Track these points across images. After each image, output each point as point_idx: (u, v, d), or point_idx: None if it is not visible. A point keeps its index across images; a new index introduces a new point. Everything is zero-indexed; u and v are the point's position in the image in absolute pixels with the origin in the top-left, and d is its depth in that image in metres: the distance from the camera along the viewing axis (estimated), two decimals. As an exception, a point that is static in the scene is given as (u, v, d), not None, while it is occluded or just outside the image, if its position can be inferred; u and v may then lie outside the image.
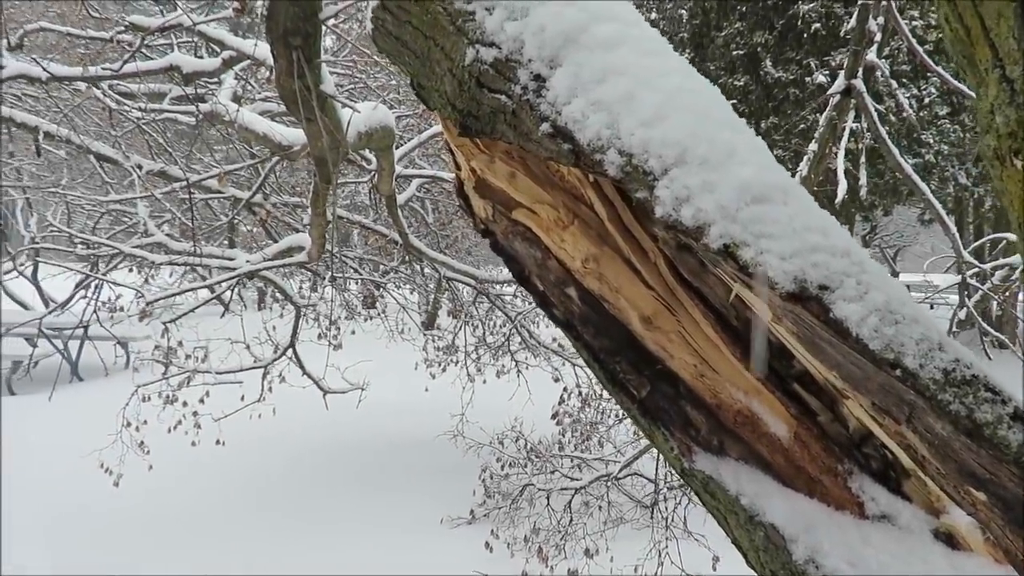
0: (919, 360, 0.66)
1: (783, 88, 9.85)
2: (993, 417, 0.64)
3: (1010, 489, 0.62)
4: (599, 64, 0.86)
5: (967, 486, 0.66)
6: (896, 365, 0.67)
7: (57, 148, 6.07)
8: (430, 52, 1.01)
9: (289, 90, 2.63)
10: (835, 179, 3.75)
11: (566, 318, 1.06)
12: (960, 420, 0.64)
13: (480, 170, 1.11)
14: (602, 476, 4.75)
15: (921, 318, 0.68)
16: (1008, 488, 0.63)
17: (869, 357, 0.68)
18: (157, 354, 5.38)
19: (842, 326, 0.68)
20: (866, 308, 0.68)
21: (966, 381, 0.65)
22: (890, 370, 0.67)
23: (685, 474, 0.96)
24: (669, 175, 0.78)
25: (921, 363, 0.66)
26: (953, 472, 0.67)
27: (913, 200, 12.02)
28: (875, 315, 0.68)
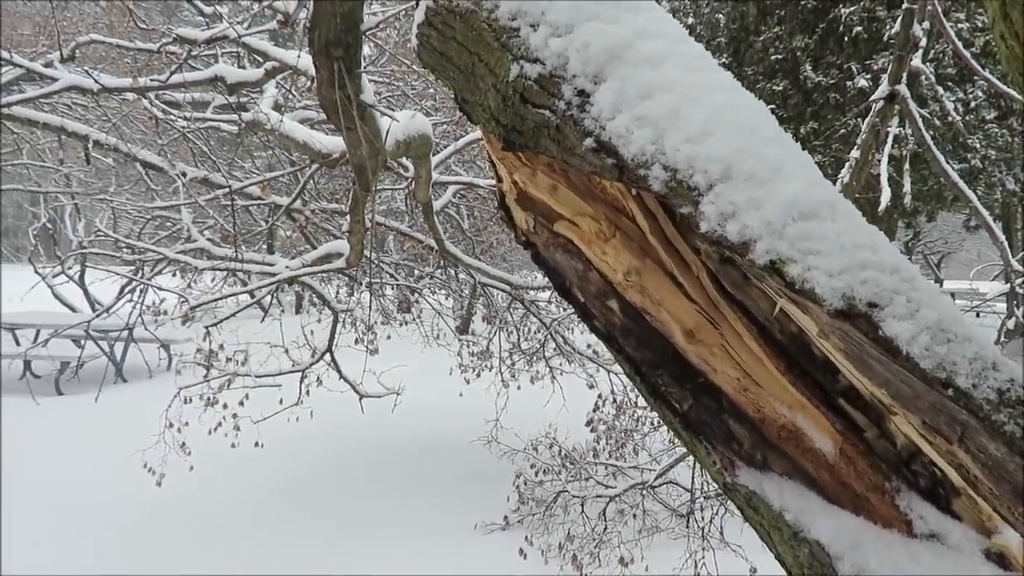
0: (972, 379, 0.65)
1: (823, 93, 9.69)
2: (1050, 439, 0.63)
3: (1068, 513, 0.61)
4: (644, 80, 0.87)
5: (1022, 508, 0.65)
6: (948, 384, 0.66)
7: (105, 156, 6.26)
8: (474, 68, 1.02)
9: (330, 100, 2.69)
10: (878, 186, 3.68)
11: (607, 330, 1.07)
12: (1015, 441, 0.63)
13: (522, 183, 1.12)
14: (637, 484, 4.72)
15: (974, 337, 0.68)
16: (1066, 512, 0.61)
17: (920, 376, 0.67)
18: (199, 357, 5.50)
19: (892, 344, 0.68)
20: (917, 326, 0.67)
21: (1021, 401, 0.64)
22: (942, 389, 0.66)
23: (728, 489, 0.95)
24: (714, 191, 0.78)
25: (974, 383, 0.65)
26: (1007, 493, 0.66)
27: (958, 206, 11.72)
28: (926, 333, 0.67)
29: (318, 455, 6.55)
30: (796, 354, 0.94)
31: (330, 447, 6.72)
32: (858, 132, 4.89)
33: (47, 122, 5.49)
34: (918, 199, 10.19)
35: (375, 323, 5.96)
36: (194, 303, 4.11)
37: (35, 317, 9.61)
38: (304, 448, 6.52)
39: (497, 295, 6.82)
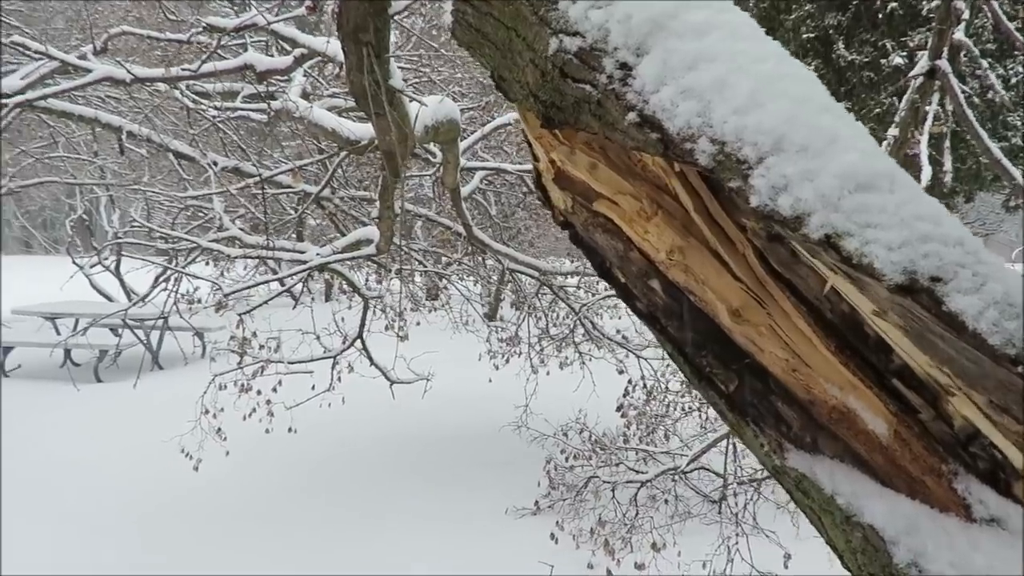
0: (1044, 357, 0.62)
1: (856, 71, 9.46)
2: None
3: None
4: (689, 51, 0.84)
5: (1098, 491, 0.62)
6: (1019, 361, 0.63)
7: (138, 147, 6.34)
8: (511, 43, 1.00)
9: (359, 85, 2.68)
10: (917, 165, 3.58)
11: (649, 311, 1.04)
12: (1092, 421, 0.60)
13: (560, 161, 1.10)
14: (668, 470, 4.69)
15: (1045, 312, 0.64)
16: None
17: (987, 352, 0.64)
18: (232, 344, 5.58)
19: (957, 320, 0.65)
20: (983, 301, 0.64)
21: (1098, 379, 0.61)
22: (1011, 367, 0.63)
23: (777, 472, 0.93)
24: (765, 163, 0.75)
25: (1047, 360, 0.62)
26: (1082, 476, 0.63)
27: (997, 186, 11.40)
28: (994, 308, 0.64)
29: (349, 441, 6.63)
30: (847, 334, 0.90)
31: (361, 433, 6.79)
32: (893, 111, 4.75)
33: (82, 114, 5.58)
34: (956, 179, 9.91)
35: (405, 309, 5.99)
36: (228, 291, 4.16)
37: (74, 306, 9.83)
38: (336, 434, 6.60)
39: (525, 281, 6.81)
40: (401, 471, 6.04)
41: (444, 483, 5.78)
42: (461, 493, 5.57)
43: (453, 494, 5.57)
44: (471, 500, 5.43)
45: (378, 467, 6.12)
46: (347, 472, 6.02)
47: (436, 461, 6.24)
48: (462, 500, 5.45)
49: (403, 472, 6.02)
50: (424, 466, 6.14)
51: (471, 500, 5.43)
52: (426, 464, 6.18)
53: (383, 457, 6.33)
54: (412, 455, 6.39)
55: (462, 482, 5.78)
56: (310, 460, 6.16)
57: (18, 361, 9.25)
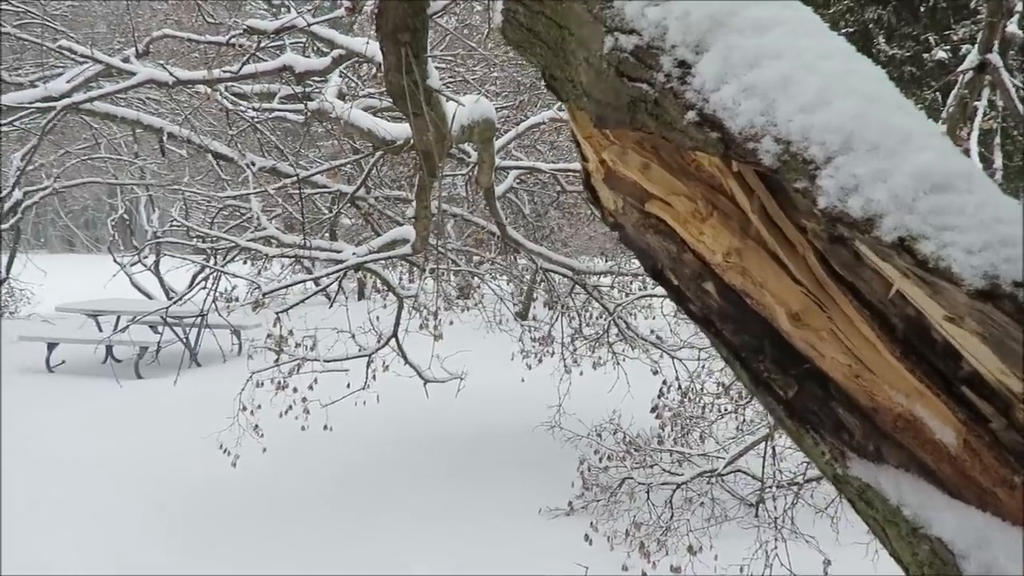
0: None
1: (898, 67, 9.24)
2: None
3: None
4: (751, 48, 0.82)
5: None
6: (1108, 371, 0.60)
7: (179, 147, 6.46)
8: (564, 42, 0.99)
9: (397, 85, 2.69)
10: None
11: (703, 314, 1.02)
12: None
13: (611, 161, 1.08)
14: (705, 472, 4.63)
15: None
16: None
17: (1076, 361, 0.61)
18: (269, 342, 5.65)
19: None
20: (1072, 307, 0.61)
21: None
22: (1102, 376, 0.60)
23: (838, 481, 0.90)
24: (834, 163, 0.73)
25: None
26: None
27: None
28: (1083, 315, 0.61)
29: (384, 439, 6.67)
30: (913, 339, 0.87)
31: (395, 431, 6.83)
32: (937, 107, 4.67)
33: (124, 116, 5.70)
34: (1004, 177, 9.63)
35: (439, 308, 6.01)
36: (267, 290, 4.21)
37: (115, 304, 10.05)
38: (370, 432, 6.64)
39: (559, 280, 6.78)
40: (434, 470, 6.06)
41: (477, 482, 5.79)
42: (494, 493, 5.57)
43: (486, 494, 5.58)
44: (504, 500, 5.43)
45: (411, 465, 6.15)
46: (380, 470, 6.06)
47: (469, 460, 6.25)
48: (495, 500, 5.45)
49: (436, 471, 6.04)
50: (457, 465, 6.15)
51: (504, 500, 5.43)
52: (459, 463, 6.20)
53: (416, 455, 6.36)
54: (445, 454, 6.41)
55: (495, 482, 5.78)
56: (344, 458, 6.21)
57: (62, 357, 9.48)
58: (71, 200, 17.27)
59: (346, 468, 6.05)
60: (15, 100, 4.65)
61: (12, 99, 4.64)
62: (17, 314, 14.45)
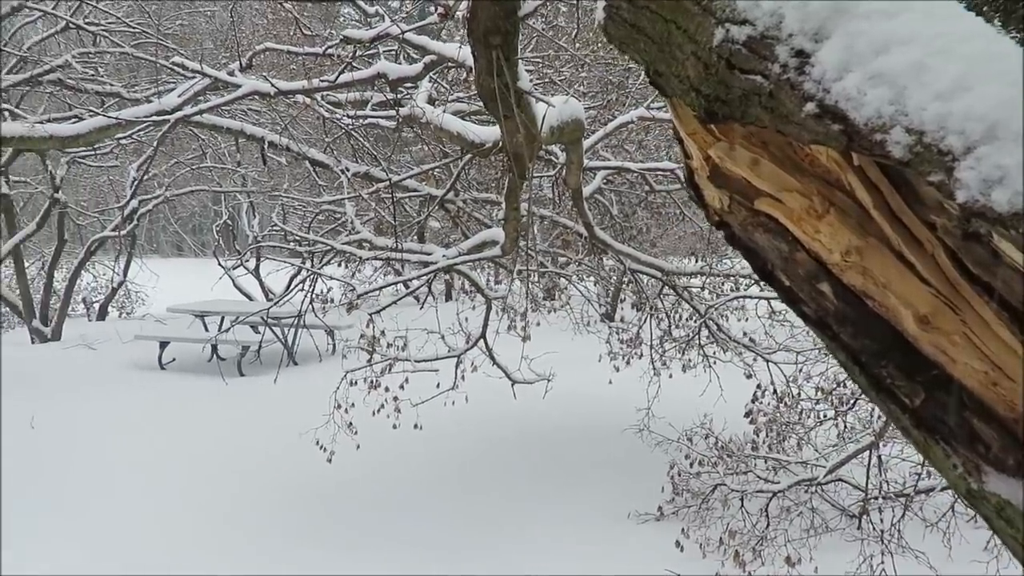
0: None
1: (1015, 50, 8.60)
2: None
3: None
4: (878, 33, 0.77)
5: None
6: None
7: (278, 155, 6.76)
8: (670, 36, 0.96)
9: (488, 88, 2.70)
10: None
11: (819, 316, 0.97)
12: None
13: (718, 158, 1.05)
14: (804, 480, 4.45)
15: None
16: None
17: None
18: (362, 342, 5.81)
19: None
20: None
21: None
22: None
23: (972, 496, 0.84)
24: (974, 154, 0.68)
25: None
26: None
27: None
28: None
29: (472, 439, 6.75)
30: (1061, 344, 0.80)
31: (484, 432, 6.90)
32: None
33: (229, 127, 6.01)
34: None
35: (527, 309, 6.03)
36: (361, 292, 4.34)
37: (220, 305, 10.62)
38: (460, 432, 6.74)
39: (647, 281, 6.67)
40: (521, 471, 6.08)
41: (565, 485, 5.77)
42: (582, 495, 5.54)
43: (574, 496, 5.55)
44: (592, 503, 5.38)
45: (499, 466, 6.20)
46: (469, 470, 6.14)
47: (556, 462, 6.24)
48: (583, 502, 5.41)
49: (523, 473, 6.06)
50: (544, 467, 6.15)
51: (592, 503, 5.38)
52: (546, 465, 6.19)
53: (504, 456, 6.40)
54: (533, 455, 6.42)
55: (583, 484, 5.74)
56: (434, 456, 6.32)
57: (173, 355, 10.08)
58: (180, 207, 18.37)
59: (435, 467, 6.15)
60: (133, 115, 4.98)
61: (130, 114, 4.97)
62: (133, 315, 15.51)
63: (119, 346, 10.63)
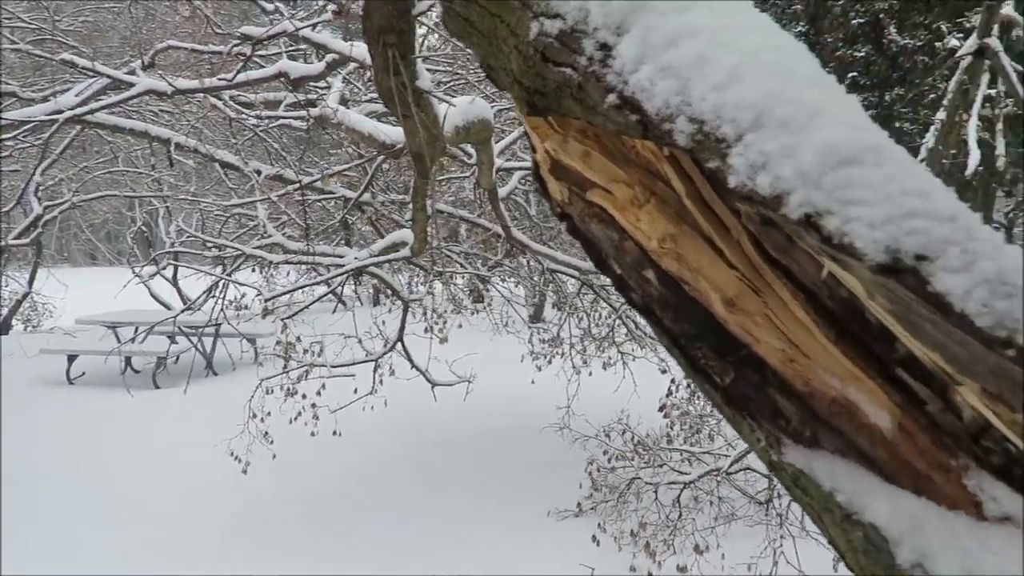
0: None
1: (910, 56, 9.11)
2: None
3: None
4: (670, 27, 0.80)
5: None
6: (1009, 344, 0.58)
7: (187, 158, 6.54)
8: (496, 30, 0.98)
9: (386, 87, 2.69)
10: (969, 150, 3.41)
11: (645, 302, 1.01)
12: (1089, 407, 0.54)
13: (553, 150, 1.07)
14: (712, 470, 4.59)
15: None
16: None
17: (976, 336, 0.59)
18: (278, 349, 5.69)
19: (943, 300, 0.60)
20: (973, 280, 0.59)
21: (1097, 361, 0.56)
22: (1002, 350, 0.58)
23: (774, 467, 0.89)
24: (744, 141, 0.72)
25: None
26: (1084, 468, 0.57)
27: (1067, 172, 10.80)
28: (984, 287, 0.59)
29: (393, 443, 6.69)
30: (848, 322, 0.86)
31: (404, 435, 6.85)
32: (949, 96, 4.53)
33: (132, 128, 5.78)
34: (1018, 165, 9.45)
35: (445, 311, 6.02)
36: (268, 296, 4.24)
37: (133, 315, 10.19)
38: (379, 437, 6.66)
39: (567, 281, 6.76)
40: (442, 473, 6.06)
41: (485, 485, 5.78)
42: (503, 495, 5.56)
43: (495, 496, 5.57)
44: (513, 502, 5.41)
45: (419, 469, 6.16)
46: (388, 474, 6.08)
47: (477, 463, 6.24)
48: (504, 502, 5.44)
49: (444, 474, 6.04)
50: (465, 468, 6.15)
51: (513, 502, 5.41)
52: (467, 466, 6.19)
53: (424, 459, 6.37)
54: (453, 457, 6.41)
55: (504, 484, 5.77)
56: (353, 462, 6.24)
57: (82, 369, 9.62)
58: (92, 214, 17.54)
59: (354, 472, 6.07)
60: (24, 114, 4.74)
61: (21, 113, 4.73)
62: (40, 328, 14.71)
63: (23, 361, 10.07)
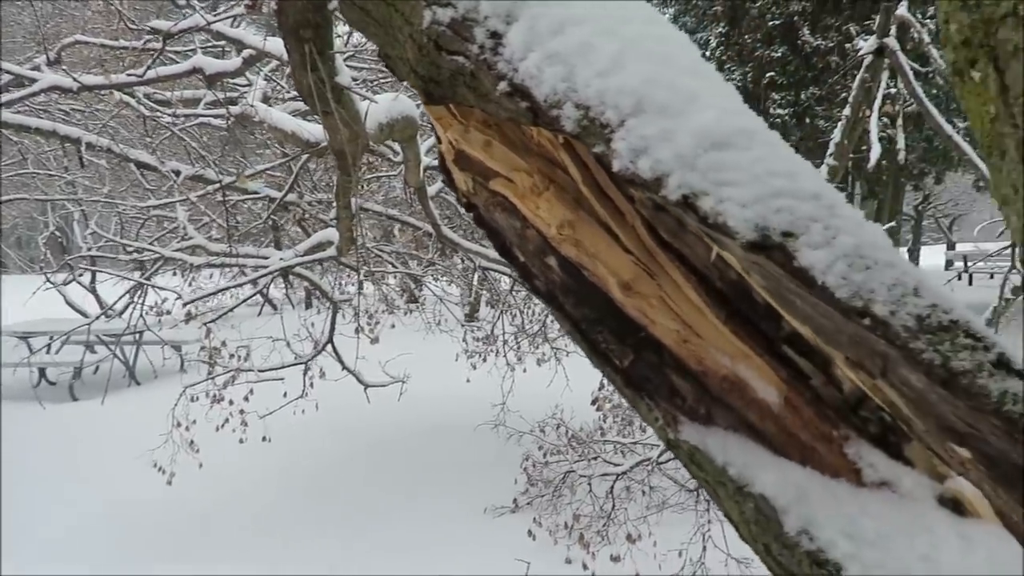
0: (890, 307, 0.60)
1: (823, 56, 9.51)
2: (972, 365, 0.57)
3: (994, 444, 0.56)
4: (556, 15, 0.82)
5: (949, 443, 0.60)
6: (865, 314, 0.61)
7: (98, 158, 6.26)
8: (392, 19, 0.98)
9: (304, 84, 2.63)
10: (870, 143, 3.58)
11: (548, 289, 1.02)
12: (934, 369, 0.58)
13: (456, 140, 1.08)
14: (644, 460, 4.68)
15: (897, 262, 0.62)
16: (991, 443, 0.56)
17: (837, 307, 0.62)
18: (203, 355, 5.51)
19: (807, 274, 0.63)
20: (833, 254, 0.62)
21: (943, 327, 0.59)
22: (859, 320, 0.61)
23: (671, 445, 0.91)
24: (626, 126, 0.73)
25: (892, 310, 0.60)
26: (933, 428, 0.61)
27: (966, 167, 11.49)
28: (843, 261, 0.62)
29: (326, 446, 6.57)
30: (737, 302, 0.89)
31: (337, 438, 6.74)
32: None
33: (39, 127, 5.49)
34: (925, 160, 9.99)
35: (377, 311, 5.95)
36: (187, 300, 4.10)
37: (48, 325, 9.69)
38: (311, 440, 6.54)
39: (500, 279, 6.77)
40: (378, 475, 6.00)
41: (422, 485, 5.74)
42: (438, 495, 5.54)
43: (432, 495, 5.54)
44: (449, 501, 5.40)
45: (354, 472, 6.08)
46: (323, 478, 5.97)
47: (413, 463, 6.20)
48: (441, 501, 5.41)
49: (380, 476, 5.97)
50: (401, 469, 6.10)
51: (449, 501, 5.40)
52: (403, 467, 6.14)
53: (358, 461, 6.28)
54: (389, 458, 6.34)
55: (439, 483, 5.75)
56: (284, 468, 6.10)
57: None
58: (0, 219, 16.57)
59: (286, 477, 5.94)
60: (-85, 113, 4.44)
61: (-89, 112, 4.43)
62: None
63: None
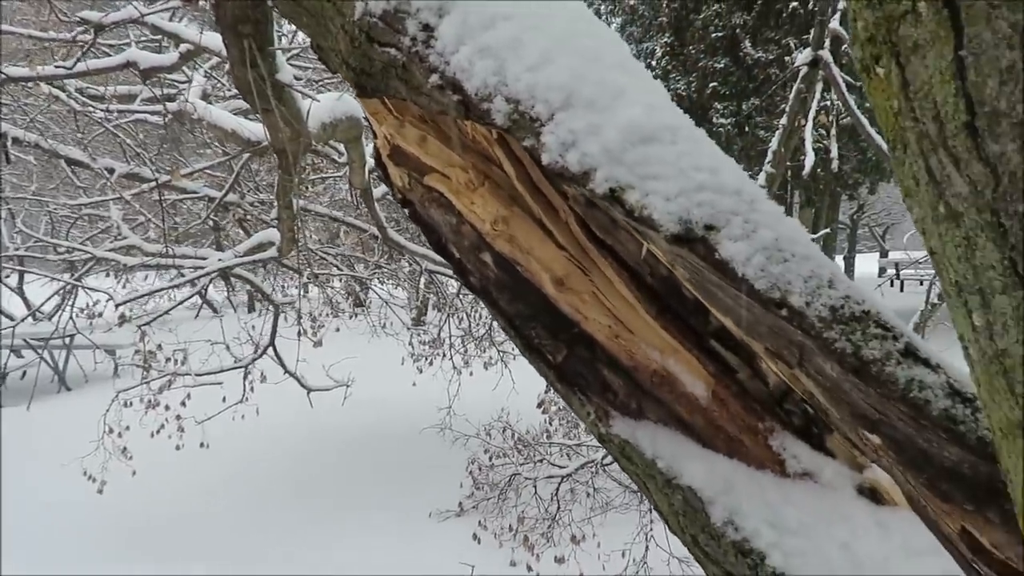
0: (806, 298, 0.62)
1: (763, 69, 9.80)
2: (881, 354, 0.60)
3: (901, 429, 0.58)
4: (487, 9, 0.82)
5: (861, 429, 0.62)
6: (782, 304, 0.63)
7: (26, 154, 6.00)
8: (323, 10, 0.96)
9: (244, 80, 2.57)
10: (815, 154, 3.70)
11: (482, 285, 1.02)
12: (846, 358, 0.60)
13: (391, 135, 1.07)
14: (588, 463, 4.71)
15: (813, 255, 0.64)
16: (899, 428, 0.59)
17: (756, 298, 0.63)
18: (137, 359, 5.32)
19: (728, 267, 0.64)
20: (752, 247, 0.64)
21: (855, 317, 0.61)
22: (776, 310, 0.63)
23: (603, 439, 0.92)
24: (555, 120, 0.74)
25: (808, 301, 0.62)
26: (847, 416, 0.63)
27: (899, 177, 11.94)
28: (762, 253, 0.63)
29: (266, 452, 6.42)
30: (668, 297, 0.90)
31: (279, 443, 6.59)
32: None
33: (-40, 120, 5.23)
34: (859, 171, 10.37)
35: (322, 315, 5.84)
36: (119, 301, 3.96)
37: (-31, 328, 9.22)
38: (252, 446, 6.38)
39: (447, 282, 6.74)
40: (322, 479, 5.89)
41: (366, 488, 5.66)
42: (383, 499, 5.47)
43: (376, 499, 5.47)
44: (394, 505, 5.33)
45: (295, 476, 5.95)
46: (262, 483, 5.83)
47: (357, 468, 6.11)
48: (384, 506, 5.35)
49: (323, 480, 5.87)
50: (344, 473, 6.00)
51: (394, 505, 5.33)
52: (346, 471, 6.05)
53: (300, 466, 6.16)
54: (333, 462, 6.24)
55: (384, 487, 5.67)
56: (222, 474, 5.93)
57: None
58: (-81, 217, 15.73)
59: (225, 484, 5.78)
60: None
61: None
62: None
63: None
